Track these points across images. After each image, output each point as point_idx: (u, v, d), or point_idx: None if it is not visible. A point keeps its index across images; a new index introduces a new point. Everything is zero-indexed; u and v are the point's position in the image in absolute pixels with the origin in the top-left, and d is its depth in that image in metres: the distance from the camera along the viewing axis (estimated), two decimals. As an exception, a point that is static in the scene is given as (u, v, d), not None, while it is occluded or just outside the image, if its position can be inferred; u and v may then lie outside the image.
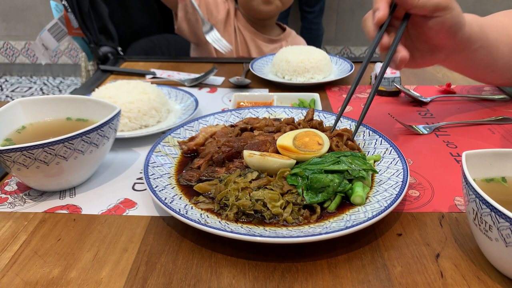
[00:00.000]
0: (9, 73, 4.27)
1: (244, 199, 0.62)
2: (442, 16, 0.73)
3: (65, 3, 1.46)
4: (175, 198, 0.65)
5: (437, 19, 0.74)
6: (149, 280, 0.54)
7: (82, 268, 0.56)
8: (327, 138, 0.74)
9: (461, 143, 0.88)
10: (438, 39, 0.78)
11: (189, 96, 1.06)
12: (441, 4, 0.72)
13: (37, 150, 0.63)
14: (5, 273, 0.55)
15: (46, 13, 3.90)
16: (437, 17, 0.74)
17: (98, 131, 0.68)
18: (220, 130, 0.84)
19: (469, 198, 0.53)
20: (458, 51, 0.83)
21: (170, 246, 0.60)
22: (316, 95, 1.06)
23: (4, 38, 4.10)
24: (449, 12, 0.73)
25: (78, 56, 4.09)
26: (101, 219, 0.66)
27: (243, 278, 0.54)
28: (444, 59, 0.84)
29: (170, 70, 1.37)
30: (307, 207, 0.64)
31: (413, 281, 0.53)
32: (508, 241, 0.48)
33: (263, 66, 1.35)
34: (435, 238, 0.61)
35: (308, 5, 3.58)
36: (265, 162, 0.68)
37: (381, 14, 0.74)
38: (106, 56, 1.56)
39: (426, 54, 0.82)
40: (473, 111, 1.03)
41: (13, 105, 0.77)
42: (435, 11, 0.73)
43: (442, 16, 0.73)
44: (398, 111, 1.04)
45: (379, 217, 0.58)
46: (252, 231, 0.57)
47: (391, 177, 0.68)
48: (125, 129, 0.91)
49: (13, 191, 0.73)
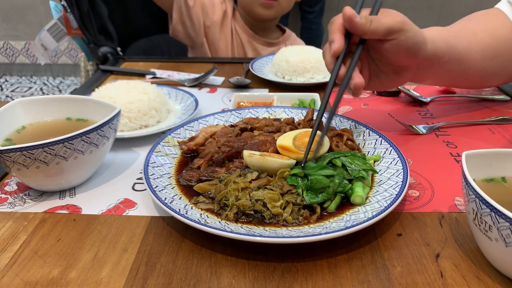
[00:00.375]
0: (9, 73, 4.27)
1: (244, 199, 0.62)
2: (397, 38, 0.72)
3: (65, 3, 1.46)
4: (175, 198, 0.65)
5: (392, 42, 0.73)
6: (149, 280, 0.54)
7: (82, 268, 0.56)
8: (327, 138, 0.74)
9: (461, 143, 0.88)
10: (398, 60, 0.77)
11: (189, 96, 1.06)
12: (393, 28, 0.72)
13: (37, 150, 0.63)
14: (5, 273, 0.55)
15: (46, 13, 3.89)
16: (392, 39, 0.73)
17: (98, 131, 0.68)
18: (220, 130, 0.84)
19: (469, 198, 0.53)
20: (425, 68, 0.82)
21: (170, 246, 0.60)
22: (316, 95, 1.06)
23: (4, 38, 4.10)
24: (403, 34, 0.72)
25: (78, 56, 4.09)
26: (101, 219, 0.66)
27: (243, 278, 0.54)
28: (412, 77, 0.83)
29: (170, 70, 1.36)
30: (307, 207, 0.64)
31: (413, 281, 0.53)
32: (508, 241, 0.48)
33: (263, 66, 1.35)
34: (435, 238, 0.61)
35: (308, 5, 3.58)
36: (265, 162, 0.68)
37: (337, 47, 0.72)
38: (106, 56, 1.56)
39: (391, 75, 0.81)
40: (473, 111, 1.03)
41: (13, 105, 0.77)
42: (388, 34, 0.72)
43: (397, 39, 0.72)
44: (398, 111, 1.04)
45: (379, 217, 0.58)
46: (252, 231, 0.57)
47: (391, 177, 0.68)
48: (125, 129, 0.91)
49: (13, 191, 0.73)
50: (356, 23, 0.71)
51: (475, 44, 0.87)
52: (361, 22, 0.71)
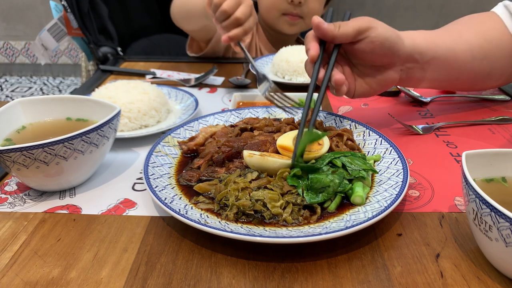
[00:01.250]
0: (9, 73, 4.27)
1: (244, 199, 0.62)
2: (368, 35, 0.75)
3: (65, 3, 1.46)
4: (175, 198, 0.65)
5: (364, 41, 0.76)
6: (149, 280, 0.54)
7: (82, 268, 0.56)
8: (327, 138, 0.74)
9: (461, 143, 0.88)
10: (376, 58, 0.79)
11: (189, 96, 1.06)
12: (361, 27, 0.75)
13: (37, 150, 0.63)
14: (5, 273, 0.55)
15: (46, 13, 3.89)
16: (364, 38, 0.76)
17: (98, 131, 0.68)
18: (220, 130, 0.84)
19: (469, 198, 0.53)
20: (408, 67, 0.83)
21: (170, 246, 0.60)
22: (316, 95, 1.06)
23: (4, 38, 4.10)
24: (373, 31, 0.75)
25: (78, 56, 4.09)
26: (101, 219, 0.66)
27: (243, 278, 0.54)
28: (398, 78, 0.84)
29: (170, 70, 1.36)
30: (307, 207, 0.64)
31: (413, 281, 0.53)
32: (508, 241, 0.48)
33: (263, 66, 1.35)
34: (435, 238, 0.61)
35: None
36: (265, 162, 0.68)
37: (312, 52, 0.76)
38: (106, 56, 1.56)
39: (377, 76, 0.82)
40: (473, 111, 1.03)
41: (13, 105, 0.77)
42: (358, 34, 0.75)
43: (369, 36, 0.75)
44: (398, 111, 1.04)
45: (379, 217, 0.58)
46: (252, 231, 0.57)
47: (391, 177, 0.68)
48: (125, 129, 0.91)
49: (13, 191, 0.73)
50: (324, 29, 0.75)
51: (461, 44, 0.88)
52: (329, 28, 0.75)
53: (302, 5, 1.39)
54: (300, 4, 1.39)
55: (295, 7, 1.41)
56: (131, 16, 1.86)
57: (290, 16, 1.43)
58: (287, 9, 1.41)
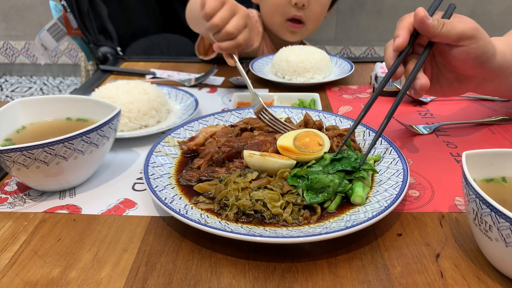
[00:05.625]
0: (9, 73, 4.27)
1: (244, 199, 0.62)
2: (467, 45, 0.71)
3: (64, 3, 1.46)
4: (175, 198, 0.65)
5: (462, 48, 0.71)
6: (149, 280, 0.54)
7: (82, 268, 0.56)
8: (328, 139, 0.74)
9: (461, 143, 0.88)
10: (464, 68, 0.75)
11: (189, 96, 1.06)
12: (466, 34, 0.70)
13: (37, 150, 0.63)
14: (5, 273, 0.55)
15: (46, 13, 3.89)
16: (462, 46, 0.71)
17: (98, 131, 0.68)
18: (220, 130, 0.84)
19: (469, 198, 0.53)
20: (489, 80, 0.80)
21: (170, 246, 0.60)
22: (316, 95, 1.06)
23: (4, 38, 4.10)
24: (474, 42, 0.71)
25: (78, 56, 4.09)
26: (101, 219, 0.66)
27: (243, 278, 0.54)
28: (474, 88, 0.81)
29: (170, 70, 1.37)
30: (307, 207, 0.64)
31: (413, 281, 0.53)
32: (508, 241, 0.48)
33: (263, 66, 1.35)
34: (435, 238, 0.61)
35: None
36: (265, 162, 0.68)
37: (400, 42, 0.72)
38: (105, 56, 1.56)
39: (453, 83, 0.79)
40: (473, 111, 1.03)
41: (13, 105, 0.77)
42: (459, 40, 0.70)
43: (467, 46, 0.71)
44: (398, 111, 1.04)
45: (379, 217, 0.58)
46: (252, 231, 0.57)
47: (391, 177, 0.68)
48: (125, 129, 0.91)
49: (13, 191, 0.73)
50: (427, 24, 0.70)
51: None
52: (433, 24, 0.69)
53: (305, 8, 1.39)
54: (304, 7, 1.38)
55: (298, 9, 1.40)
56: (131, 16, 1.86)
57: (291, 24, 1.42)
58: (291, 12, 1.40)
